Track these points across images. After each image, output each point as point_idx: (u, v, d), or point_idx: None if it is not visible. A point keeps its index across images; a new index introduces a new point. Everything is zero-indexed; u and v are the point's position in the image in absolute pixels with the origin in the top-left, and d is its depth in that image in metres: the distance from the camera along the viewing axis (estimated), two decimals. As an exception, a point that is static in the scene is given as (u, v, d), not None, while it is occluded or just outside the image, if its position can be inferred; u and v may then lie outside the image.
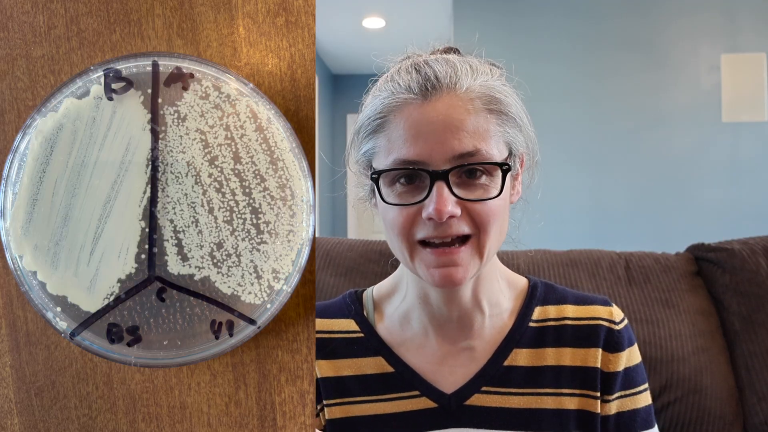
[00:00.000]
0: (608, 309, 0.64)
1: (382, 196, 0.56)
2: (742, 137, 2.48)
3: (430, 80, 0.55)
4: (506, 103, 0.57)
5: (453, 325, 0.61)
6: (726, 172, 2.47)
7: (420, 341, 0.62)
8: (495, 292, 0.62)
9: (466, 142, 0.53)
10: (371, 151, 0.58)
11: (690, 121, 2.50)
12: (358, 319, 0.64)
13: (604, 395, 0.62)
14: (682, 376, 0.84)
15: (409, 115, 0.55)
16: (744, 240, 0.94)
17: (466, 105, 0.55)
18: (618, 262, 0.94)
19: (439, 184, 0.53)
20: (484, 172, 0.54)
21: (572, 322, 0.63)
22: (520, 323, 0.63)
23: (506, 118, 0.57)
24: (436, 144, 0.53)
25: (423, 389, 0.61)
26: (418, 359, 0.62)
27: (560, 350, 0.62)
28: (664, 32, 2.52)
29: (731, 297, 0.90)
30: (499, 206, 0.55)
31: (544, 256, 0.94)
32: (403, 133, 0.55)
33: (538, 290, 0.65)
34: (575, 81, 2.54)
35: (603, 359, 0.62)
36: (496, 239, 0.56)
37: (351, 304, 0.66)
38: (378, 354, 0.62)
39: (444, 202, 0.52)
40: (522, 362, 0.61)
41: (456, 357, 0.62)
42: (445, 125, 0.54)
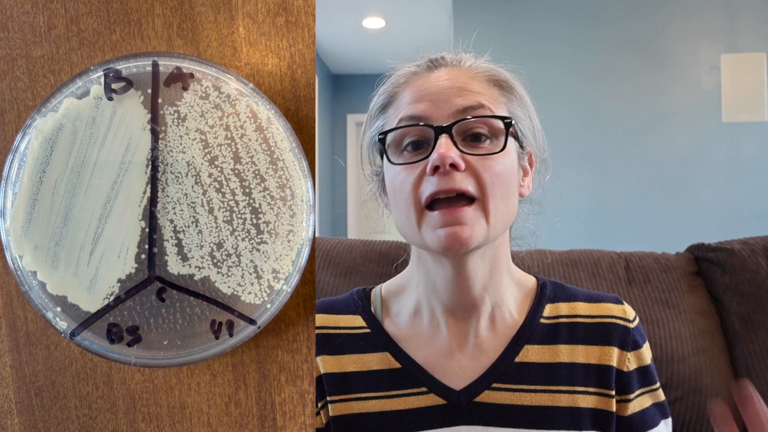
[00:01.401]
0: (621, 307, 0.64)
1: (389, 157, 0.58)
2: (742, 137, 2.48)
3: (436, 59, 0.60)
4: (511, 82, 0.60)
5: (464, 316, 0.61)
6: (726, 172, 2.47)
7: (429, 335, 0.62)
8: (504, 287, 0.62)
9: (469, 97, 0.56)
10: (380, 127, 0.60)
11: (690, 121, 2.49)
12: (366, 315, 0.64)
13: (622, 395, 0.61)
14: (682, 376, 0.84)
15: (415, 82, 0.59)
16: (744, 240, 0.94)
17: (471, 74, 0.59)
18: (618, 262, 0.94)
19: (443, 137, 0.54)
20: (489, 137, 0.56)
21: (585, 320, 0.63)
22: (531, 320, 0.62)
23: (510, 93, 0.59)
24: (440, 101, 0.56)
25: (431, 385, 0.60)
26: (426, 354, 0.61)
27: (574, 347, 0.61)
28: (664, 33, 2.52)
29: (731, 297, 0.90)
30: (503, 170, 0.56)
31: (544, 256, 0.94)
32: (409, 97, 0.58)
33: (548, 289, 0.65)
34: (575, 81, 2.54)
35: (619, 358, 0.61)
36: (504, 206, 0.56)
37: (359, 301, 0.65)
38: (385, 350, 0.62)
39: (447, 148, 0.53)
40: (534, 359, 0.61)
41: (465, 352, 0.61)
42: (450, 85, 0.57)
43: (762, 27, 2.48)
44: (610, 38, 2.55)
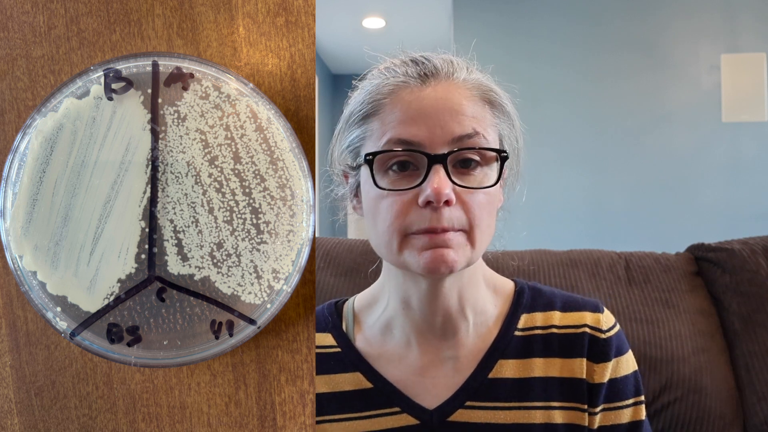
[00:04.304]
0: (596, 316, 0.61)
1: (375, 181, 0.54)
2: (742, 137, 2.48)
3: (428, 68, 0.55)
4: (502, 97, 0.57)
5: (436, 333, 0.59)
6: (726, 172, 2.47)
7: (401, 352, 0.60)
8: (480, 297, 0.60)
9: (465, 124, 0.53)
10: (361, 137, 0.56)
11: (690, 121, 2.49)
12: (335, 332, 0.62)
13: (590, 407, 0.59)
14: (682, 376, 0.84)
15: (406, 97, 0.54)
16: (744, 240, 0.94)
17: (464, 92, 0.55)
18: (618, 262, 0.94)
19: (437, 168, 0.51)
20: (480, 163, 0.54)
21: (559, 331, 0.60)
22: (505, 332, 0.60)
23: (501, 111, 0.57)
24: (435, 126, 0.52)
25: (404, 405, 0.58)
26: (399, 371, 0.59)
27: (549, 360, 0.59)
28: (664, 33, 2.52)
29: (731, 297, 0.90)
30: (490, 200, 0.54)
31: (544, 256, 0.94)
32: (399, 115, 0.54)
33: (525, 296, 0.62)
34: (575, 81, 2.54)
35: (588, 369, 0.59)
36: (488, 231, 0.55)
37: (329, 317, 0.63)
38: (356, 369, 0.60)
39: (443, 184, 0.51)
40: (508, 374, 0.59)
41: (438, 368, 0.59)
42: (444, 108, 0.53)
43: (762, 27, 2.48)
44: (610, 38, 2.55)
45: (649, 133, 2.51)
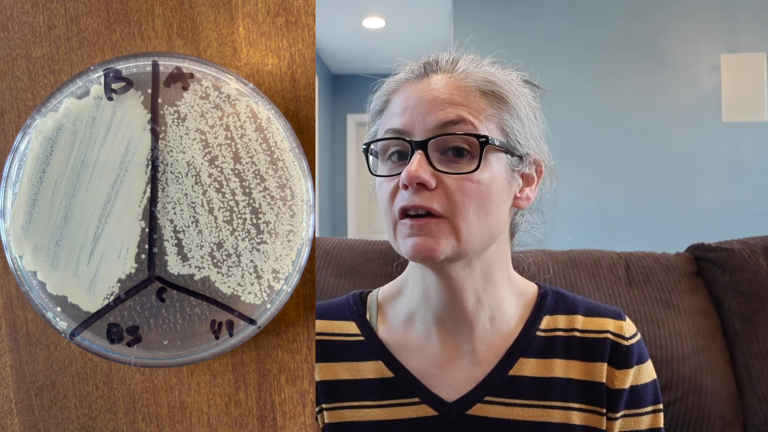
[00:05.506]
0: (618, 323, 0.62)
1: (369, 167, 0.58)
2: (742, 137, 2.48)
3: (430, 64, 0.59)
4: (506, 91, 0.57)
5: (455, 326, 0.60)
6: (726, 172, 2.47)
7: (422, 343, 0.61)
8: (500, 297, 0.61)
9: (450, 111, 0.54)
10: (375, 131, 0.60)
11: (690, 121, 2.49)
12: (360, 321, 0.63)
13: (609, 412, 0.60)
14: (682, 376, 0.84)
15: (406, 90, 0.58)
16: (744, 240, 0.94)
17: (459, 83, 0.56)
18: (618, 262, 0.94)
19: (417, 154, 0.54)
20: (470, 152, 0.54)
21: (581, 335, 0.61)
22: (527, 332, 0.61)
23: (502, 104, 0.57)
24: (419, 114, 0.55)
25: (423, 396, 0.59)
26: (419, 363, 0.61)
27: (569, 362, 0.60)
28: (664, 33, 2.52)
29: (731, 297, 0.90)
30: (477, 189, 0.54)
31: (544, 256, 0.94)
32: (396, 107, 0.57)
33: (548, 299, 0.63)
34: (575, 81, 2.54)
35: (608, 374, 0.60)
36: (477, 226, 0.54)
37: (353, 306, 0.65)
38: (378, 358, 0.61)
39: (415, 166, 0.53)
40: (529, 372, 0.59)
41: (458, 361, 0.60)
42: (432, 97, 0.55)
43: (762, 27, 2.48)
44: (610, 38, 2.55)
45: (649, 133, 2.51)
